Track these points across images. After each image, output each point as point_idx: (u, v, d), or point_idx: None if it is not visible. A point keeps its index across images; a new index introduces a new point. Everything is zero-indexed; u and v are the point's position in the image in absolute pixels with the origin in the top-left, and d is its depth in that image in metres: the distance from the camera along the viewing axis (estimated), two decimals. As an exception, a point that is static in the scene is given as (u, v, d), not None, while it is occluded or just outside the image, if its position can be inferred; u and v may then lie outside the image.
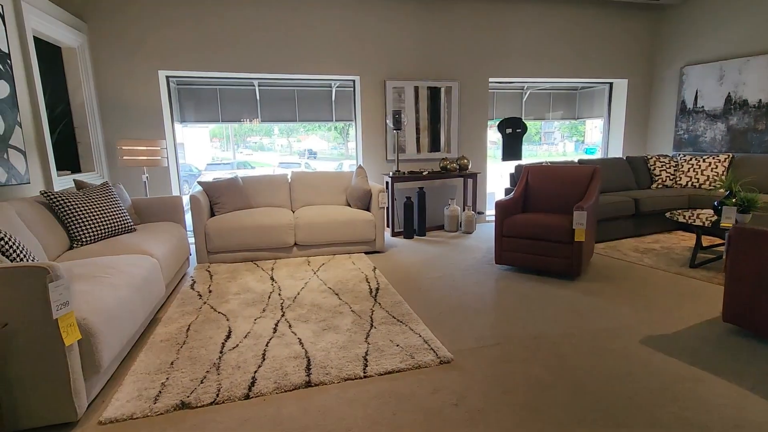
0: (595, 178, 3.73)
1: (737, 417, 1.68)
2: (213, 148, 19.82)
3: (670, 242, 4.28)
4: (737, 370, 2.01)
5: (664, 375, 1.99)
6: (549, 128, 28.02)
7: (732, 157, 4.81)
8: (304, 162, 16.62)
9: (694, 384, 1.91)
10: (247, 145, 21.77)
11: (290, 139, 22.45)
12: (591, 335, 2.41)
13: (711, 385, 1.89)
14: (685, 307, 2.74)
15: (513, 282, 3.32)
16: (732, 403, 1.76)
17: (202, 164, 14.42)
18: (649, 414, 1.72)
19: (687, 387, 1.89)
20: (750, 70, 4.98)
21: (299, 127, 20.96)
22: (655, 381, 1.94)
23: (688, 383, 1.91)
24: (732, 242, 2.31)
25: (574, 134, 27.40)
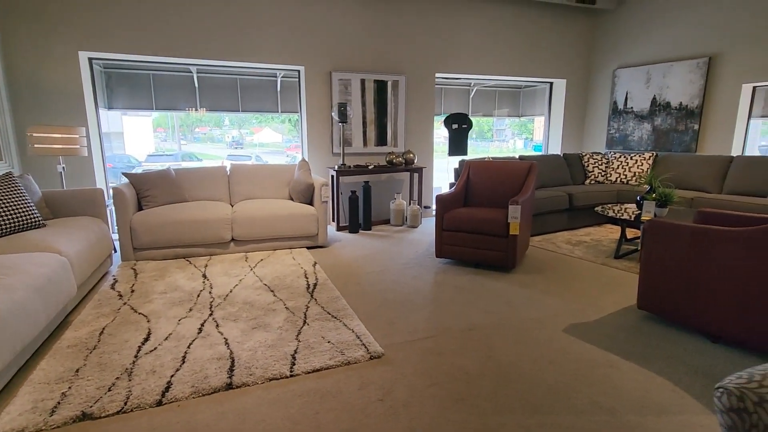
0: (531, 174, 3.86)
1: (643, 398, 1.79)
2: (158, 139, 18.72)
3: (599, 235, 4.54)
4: (647, 354, 2.14)
5: (582, 362, 2.08)
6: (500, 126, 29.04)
7: (656, 155, 5.17)
8: (255, 155, 16.09)
9: (607, 369, 2.01)
10: (196, 137, 20.77)
11: (242, 131, 21.66)
12: (520, 325, 2.48)
13: (623, 370, 2.00)
14: (606, 296, 2.90)
15: (451, 275, 3.37)
16: (640, 386, 1.87)
17: (144, 155, 13.58)
18: (566, 400, 1.79)
19: (601, 372, 1.98)
20: (673, 74, 5.36)
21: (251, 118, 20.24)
22: (574, 368, 2.03)
23: (602, 369, 2.01)
24: (646, 235, 2.46)
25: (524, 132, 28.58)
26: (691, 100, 5.19)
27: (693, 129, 5.19)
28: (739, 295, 2.09)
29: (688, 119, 5.23)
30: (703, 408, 1.72)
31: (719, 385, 0.96)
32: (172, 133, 19.20)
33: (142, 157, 13.01)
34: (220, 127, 21.79)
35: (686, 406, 1.73)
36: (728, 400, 0.91)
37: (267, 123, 20.43)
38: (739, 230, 2.09)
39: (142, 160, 12.40)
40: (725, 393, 0.92)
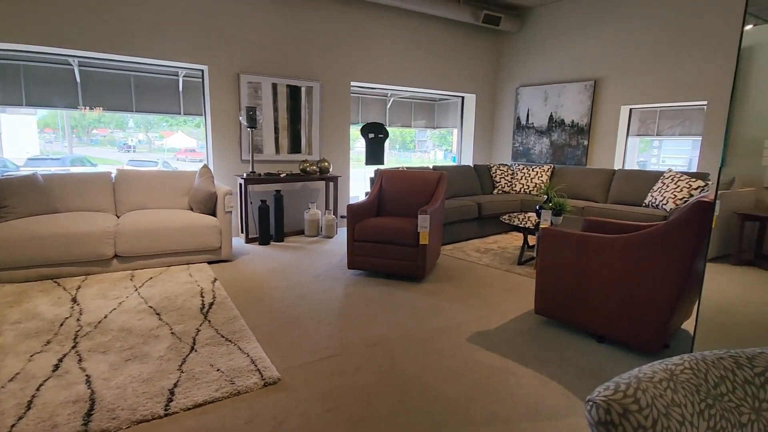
0: (441, 184, 3.93)
1: (537, 404, 1.82)
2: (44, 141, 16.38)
3: (506, 242, 4.78)
4: (542, 357, 2.22)
5: (482, 370, 2.09)
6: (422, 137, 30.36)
7: (553, 168, 5.61)
8: (162, 161, 14.76)
9: (505, 376, 2.04)
10: (93, 140, 18.56)
11: (149, 135, 19.81)
12: (425, 336, 2.45)
13: (519, 376, 2.04)
14: (508, 302, 3.01)
15: (361, 287, 3.28)
16: (534, 392, 1.92)
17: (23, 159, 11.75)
18: (464, 412, 1.76)
19: (499, 380, 2.00)
20: (566, 94, 5.89)
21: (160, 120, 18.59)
22: (475, 377, 2.02)
23: (501, 376, 2.04)
24: (540, 243, 2.58)
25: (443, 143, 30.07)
26: (581, 118, 5.74)
27: (583, 144, 5.73)
28: (619, 298, 2.26)
29: (579, 135, 5.77)
30: (588, 408, 1.80)
31: (589, 398, 0.94)
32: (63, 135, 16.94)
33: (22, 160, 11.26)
34: (123, 130, 19.72)
35: (575, 409, 1.80)
36: (596, 413, 0.89)
37: (179, 126, 18.91)
38: (617, 237, 2.26)
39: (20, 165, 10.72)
40: (594, 406, 0.90)
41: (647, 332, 2.19)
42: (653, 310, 2.16)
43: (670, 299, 2.12)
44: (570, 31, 5.81)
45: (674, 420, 0.85)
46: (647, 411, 0.85)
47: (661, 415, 0.84)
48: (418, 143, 29.42)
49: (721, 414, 0.90)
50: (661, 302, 2.13)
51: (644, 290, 2.18)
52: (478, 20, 5.80)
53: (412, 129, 7.86)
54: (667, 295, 2.12)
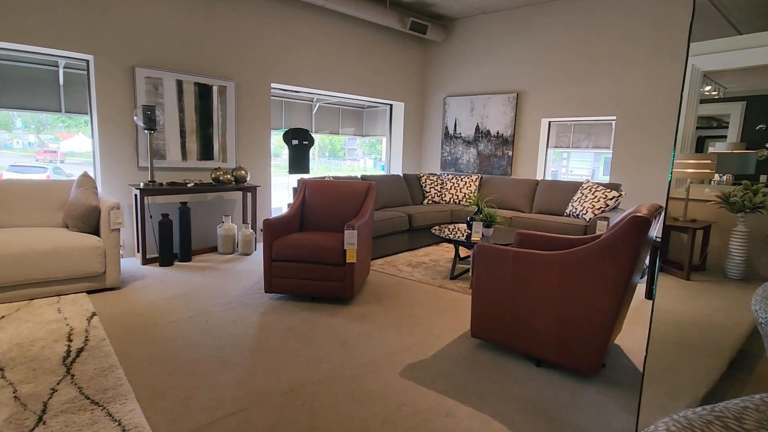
0: (369, 195, 3.65)
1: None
2: None
3: (437, 254, 4.62)
4: (481, 390, 2.00)
5: (417, 415, 1.80)
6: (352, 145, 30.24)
7: (481, 178, 5.62)
8: (53, 166, 12.81)
9: (443, 421, 1.77)
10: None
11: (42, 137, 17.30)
12: (353, 374, 2.12)
13: (458, 418, 1.79)
14: (443, 324, 2.78)
15: (280, 314, 2.86)
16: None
17: None
18: (398, 475, 1.46)
19: (437, 426, 1.73)
20: (491, 106, 5.97)
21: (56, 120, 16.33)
22: (409, 425, 1.73)
23: (439, 420, 1.77)
24: (475, 260, 2.39)
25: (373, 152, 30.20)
26: (505, 129, 5.84)
27: (508, 155, 5.83)
28: (556, 318, 2.12)
29: (504, 146, 5.86)
30: (535, 453, 1.59)
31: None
32: None
33: None
34: (10, 131, 17.01)
35: (521, 456, 1.58)
36: None
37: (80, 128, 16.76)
38: (553, 254, 2.12)
39: None
40: None
41: (585, 353, 2.07)
42: (591, 329, 2.04)
43: (607, 318, 2.01)
44: (494, 43, 5.91)
45: None
46: None
47: None
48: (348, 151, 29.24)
49: None
50: (599, 321, 2.02)
51: (581, 309, 2.06)
52: (405, 27, 5.67)
53: (342, 136, 7.54)
54: (604, 313, 2.01)
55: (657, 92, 4.64)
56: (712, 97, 2.20)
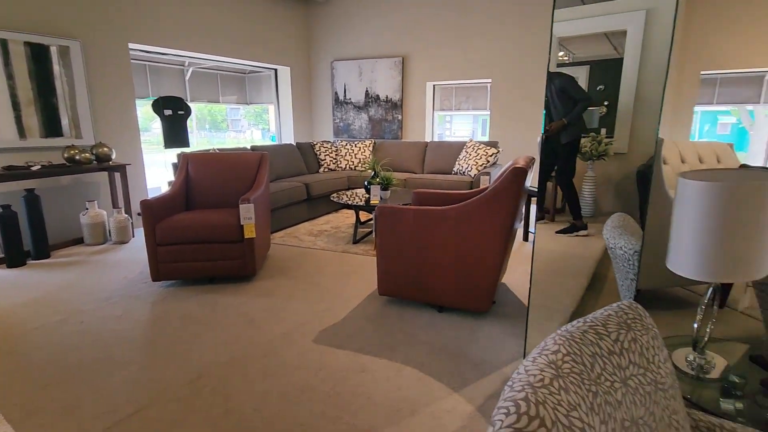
0: (263, 166, 3.46)
1: (397, 400, 1.68)
2: None
3: (338, 221, 4.64)
4: (392, 343, 2.11)
5: (335, 376, 1.84)
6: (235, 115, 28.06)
7: (374, 143, 5.70)
8: None
9: (360, 377, 1.84)
10: None
11: None
12: (264, 350, 2.06)
13: (374, 371, 1.87)
14: (351, 287, 2.84)
15: (175, 302, 2.62)
16: (392, 386, 1.77)
17: None
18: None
19: (355, 383, 1.79)
20: (378, 70, 6.00)
21: None
22: (328, 388, 1.76)
23: (355, 378, 1.83)
24: (377, 221, 2.44)
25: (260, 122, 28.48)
26: (394, 93, 5.95)
27: (398, 119, 5.99)
28: (453, 267, 2.31)
29: (393, 110, 5.99)
30: (444, 389, 1.75)
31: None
32: None
33: None
34: None
35: (432, 394, 1.72)
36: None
37: None
38: (448, 208, 2.27)
39: None
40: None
41: (479, 294, 2.31)
42: (483, 272, 2.26)
43: (496, 260, 2.25)
44: (378, 4, 5.87)
45: (577, 429, 0.72)
46: (554, 430, 0.70)
47: (566, 429, 0.71)
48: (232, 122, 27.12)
49: (604, 399, 0.82)
50: (489, 264, 2.25)
51: (474, 256, 2.26)
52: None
53: (223, 105, 6.94)
54: (493, 256, 2.24)
55: (525, 56, 5.13)
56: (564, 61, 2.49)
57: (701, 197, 1.22)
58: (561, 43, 2.49)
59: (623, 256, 1.95)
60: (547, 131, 2.28)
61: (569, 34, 2.46)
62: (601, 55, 2.31)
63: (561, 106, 2.26)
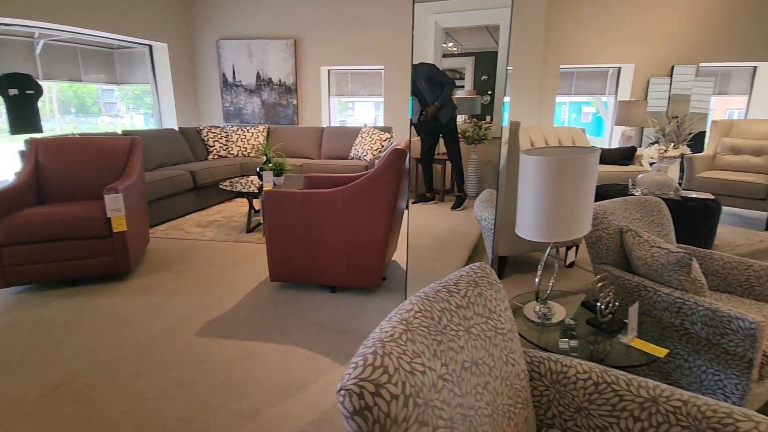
0: (135, 153, 3.13)
1: (284, 380, 1.68)
2: None
3: (231, 210, 4.41)
4: (283, 327, 2.10)
5: (221, 365, 1.78)
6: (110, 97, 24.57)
7: (268, 128, 5.50)
8: None
9: (248, 363, 1.80)
10: None
11: None
12: (138, 351, 1.90)
13: (262, 356, 1.85)
14: (241, 276, 2.74)
15: (28, 310, 2.27)
16: (281, 367, 1.77)
17: None
18: (204, 429, 1.43)
19: (242, 370, 1.75)
20: (270, 52, 5.75)
21: None
22: (212, 379, 1.70)
23: (242, 365, 1.79)
24: (265, 206, 2.39)
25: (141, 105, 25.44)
26: (287, 77, 5.77)
27: (293, 104, 5.84)
28: (343, 248, 2.36)
29: (288, 95, 5.82)
30: (331, 364, 1.80)
31: (340, 386, 0.79)
32: None
33: None
34: None
35: (320, 371, 1.76)
36: (350, 402, 0.74)
37: None
38: (335, 190, 2.31)
39: None
40: (346, 395, 0.75)
41: (369, 273, 2.40)
42: (371, 251, 2.36)
43: (382, 238, 2.36)
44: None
45: (418, 373, 0.81)
46: (396, 377, 0.77)
47: (407, 373, 0.79)
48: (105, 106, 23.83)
49: (447, 346, 0.93)
50: (376, 242, 2.35)
51: (362, 235, 2.34)
52: (153, -51, 4.76)
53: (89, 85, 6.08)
54: (379, 234, 2.34)
55: (415, 44, 5.34)
56: (452, 52, 2.66)
57: (536, 169, 1.43)
58: (449, 33, 2.64)
59: (486, 227, 2.18)
60: (424, 115, 2.43)
61: (455, 25, 2.63)
62: (485, 47, 2.51)
63: (431, 92, 2.42)
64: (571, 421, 1.13)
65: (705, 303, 1.50)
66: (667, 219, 2.09)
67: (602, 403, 1.09)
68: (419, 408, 0.77)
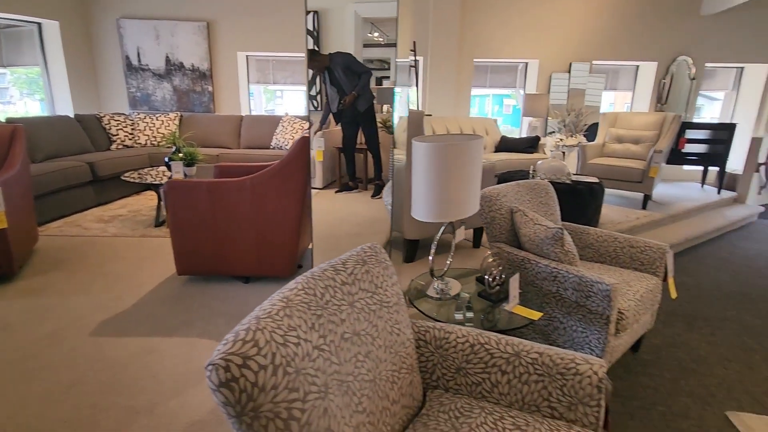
0: (16, 143, 2.80)
1: (185, 372, 1.64)
2: None
3: (138, 204, 4.11)
4: (189, 320, 2.04)
5: (116, 363, 1.69)
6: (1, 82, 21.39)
7: (181, 116, 5.17)
8: None
9: (146, 358, 1.73)
10: None
11: None
12: (20, 356, 1.74)
13: (163, 351, 1.78)
14: (146, 272, 2.59)
15: None
16: (183, 359, 1.72)
17: None
18: (91, 429, 1.36)
19: (138, 367, 1.68)
20: (180, 34, 5.39)
21: None
22: (105, 378, 1.61)
23: (140, 361, 1.71)
24: (167, 197, 2.27)
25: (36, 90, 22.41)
26: (201, 62, 5.45)
27: (209, 90, 5.54)
28: (255, 237, 2.33)
29: (202, 81, 5.51)
30: (242, 352, 1.79)
31: (208, 362, 0.81)
32: None
33: None
34: None
35: (228, 359, 1.74)
36: (216, 375, 0.77)
37: None
38: (243, 179, 2.26)
39: None
40: (213, 369, 0.78)
41: (281, 261, 2.40)
42: (283, 239, 2.35)
43: (294, 226, 2.36)
44: (169, -41, 5.21)
45: (291, 344, 0.85)
46: (266, 348, 0.80)
47: (279, 345, 0.83)
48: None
49: (327, 319, 0.98)
50: (288, 231, 2.35)
51: (274, 223, 2.33)
52: None
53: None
54: (291, 222, 2.35)
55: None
56: (378, 42, 2.70)
57: (425, 155, 1.52)
58: (374, 23, 2.67)
59: (390, 211, 2.28)
60: (342, 104, 2.46)
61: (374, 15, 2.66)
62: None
63: (348, 81, 2.45)
64: (453, 380, 1.25)
65: (574, 271, 1.71)
66: (554, 200, 2.33)
67: (477, 362, 1.21)
68: (290, 376, 0.81)
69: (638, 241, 2.06)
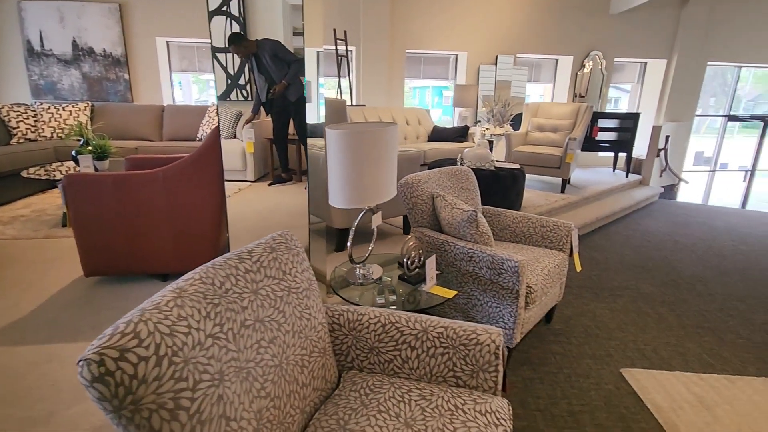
0: None
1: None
2: None
3: (43, 203, 3.73)
4: (97, 324, 1.89)
5: (10, 374, 1.53)
6: None
7: (92, 106, 4.75)
8: None
9: (45, 366, 1.59)
10: None
11: None
12: None
13: (64, 358, 1.64)
14: (50, 275, 2.37)
15: None
16: (90, 366, 1.60)
17: None
18: (-21, 448, 1.23)
19: (38, 375, 1.54)
20: (88, 17, 4.92)
21: None
22: None
23: (39, 369, 1.57)
24: (67, 193, 2.09)
25: None
26: (113, 47, 5.03)
27: (124, 78, 5.13)
28: (170, 231, 2.21)
29: (116, 68, 5.08)
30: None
31: (81, 357, 0.76)
32: None
33: None
34: None
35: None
36: (88, 371, 0.73)
37: None
38: (154, 171, 2.13)
39: None
40: (84, 365, 0.73)
41: (201, 255, 2.30)
42: (202, 232, 2.26)
43: (214, 218, 2.27)
44: (71, -67, 4.71)
45: (180, 334, 0.82)
46: (149, 340, 0.77)
47: (165, 336, 0.80)
48: None
49: (226, 307, 0.96)
50: (207, 224, 2.26)
51: (190, 217, 2.22)
52: None
53: None
54: (210, 215, 2.25)
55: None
56: None
57: (338, 142, 1.53)
58: None
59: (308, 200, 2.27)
60: (272, 94, 2.38)
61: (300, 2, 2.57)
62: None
63: (276, 69, 2.38)
64: (366, 360, 1.27)
65: (487, 251, 1.81)
66: (474, 185, 2.43)
67: (388, 341, 1.25)
68: (176, 366, 0.79)
69: (548, 221, 2.21)
